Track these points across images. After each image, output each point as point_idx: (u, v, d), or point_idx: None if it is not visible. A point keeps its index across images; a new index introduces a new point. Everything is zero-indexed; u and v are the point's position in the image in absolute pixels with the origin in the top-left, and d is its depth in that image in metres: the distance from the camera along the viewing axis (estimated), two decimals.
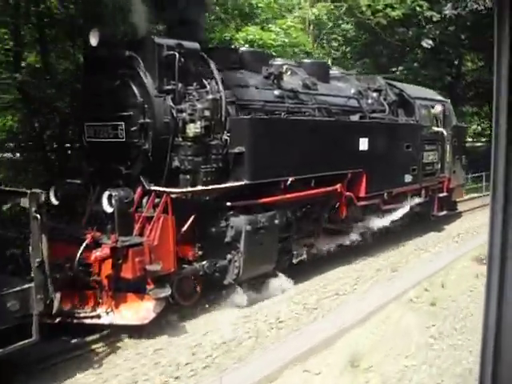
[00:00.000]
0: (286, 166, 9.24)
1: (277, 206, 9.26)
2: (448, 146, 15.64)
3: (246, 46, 14.46)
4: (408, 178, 13.21)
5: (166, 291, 7.68)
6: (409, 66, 26.33)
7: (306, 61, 12.27)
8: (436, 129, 14.86)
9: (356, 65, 25.98)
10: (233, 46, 10.51)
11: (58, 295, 6.45)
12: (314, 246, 10.74)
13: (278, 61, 11.33)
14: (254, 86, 9.78)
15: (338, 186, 10.64)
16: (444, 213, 16.07)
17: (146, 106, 8.09)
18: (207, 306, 8.77)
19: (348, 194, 11.04)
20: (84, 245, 7.62)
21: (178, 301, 8.47)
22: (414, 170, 13.44)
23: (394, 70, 25.80)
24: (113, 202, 7.69)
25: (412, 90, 14.92)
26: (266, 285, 9.40)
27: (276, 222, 9.13)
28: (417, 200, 14.07)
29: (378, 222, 12.50)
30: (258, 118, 9.14)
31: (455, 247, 13.72)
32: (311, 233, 10.70)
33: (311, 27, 22.01)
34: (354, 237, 11.82)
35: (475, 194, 21.95)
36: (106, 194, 7.87)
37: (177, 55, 8.07)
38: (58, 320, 7.36)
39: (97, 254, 7.49)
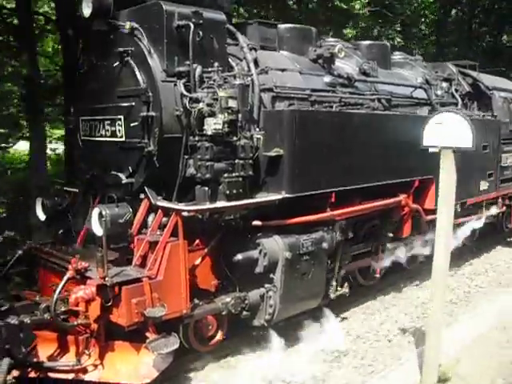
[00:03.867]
0: (338, 174, 7.15)
1: (324, 223, 7.16)
2: None
3: None
4: (484, 185, 10.93)
5: (172, 344, 5.72)
6: None
7: (363, 42, 10.09)
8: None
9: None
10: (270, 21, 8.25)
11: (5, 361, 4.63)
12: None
13: (329, 40, 9.19)
14: (298, 71, 7.71)
15: (403, 196, 8.47)
16: None
17: (150, 93, 6.13)
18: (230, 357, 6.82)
19: (414, 206, 8.84)
20: (65, 279, 5.74)
21: (194, 347, 6.55)
22: (490, 176, 11.16)
23: None
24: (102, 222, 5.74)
25: (489, 79, 12.58)
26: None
27: (324, 245, 7.04)
28: (493, 210, 11.77)
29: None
30: (304, 110, 7.04)
31: None
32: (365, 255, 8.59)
33: None
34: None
35: None
36: (96, 211, 5.95)
37: (191, 26, 6.07)
38: (30, 375, 5.65)
39: (78, 294, 5.56)
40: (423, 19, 26.12)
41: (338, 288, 8.01)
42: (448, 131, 6.13)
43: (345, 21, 18.81)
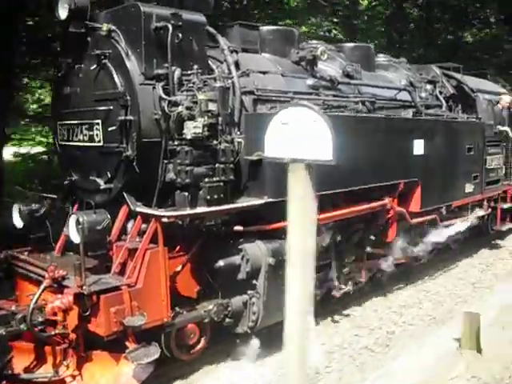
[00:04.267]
0: (321, 177, 6.97)
1: None
2: None
3: None
4: (469, 188, 10.85)
5: (153, 354, 5.56)
6: None
7: (346, 44, 9.98)
8: (501, 128, 12.45)
9: None
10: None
11: None
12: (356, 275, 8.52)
13: (312, 42, 9.08)
14: (280, 74, 7.59)
15: (388, 199, 8.36)
16: (508, 226, 13.66)
17: (128, 97, 5.98)
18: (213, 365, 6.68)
19: (399, 209, 8.73)
20: (42, 288, 5.58)
21: (176, 355, 6.38)
22: (475, 178, 11.08)
23: None
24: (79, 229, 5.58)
25: (473, 82, 12.52)
26: None
27: None
28: (478, 213, 11.69)
29: (432, 241, 10.13)
30: None
31: None
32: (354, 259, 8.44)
33: None
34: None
35: None
36: (73, 218, 5.78)
37: (170, 28, 5.93)
38: None
39: (54, 303, 5.40)
40: (369, 12, 25.32)
41: (342, 286, 7.98)
42: (298, 135, 3.94)
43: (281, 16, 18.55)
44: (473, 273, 11.04)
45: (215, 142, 6.00)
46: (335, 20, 23.27)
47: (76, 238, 5.68)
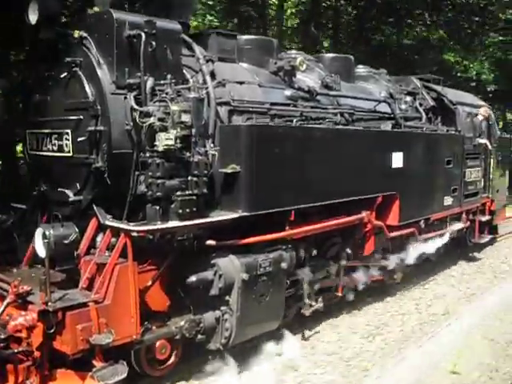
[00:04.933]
0: (298, 191, 6.88)
1: (284, 242, 6.89)
2: (492, 162, 13.25)
3: None
4: (448, 201, 10.79)
5: (120, 373, 5.38)
6: None
7: (326, 55, 9.87)
8: (480, 140, 12.42)
9: None
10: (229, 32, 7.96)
11: None
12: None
13: (291, 52, 8.96)
14: (257, 84, 7.45)
15: (365, 213, 8.24)
16: (486, 239, 13.67)
17: (98, 107, 5.80)
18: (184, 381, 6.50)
19: (377, 222, 8.61)
20: (4, 304, 5.37)
21: (147, 371, 6.20)
22: (454, 191, 11.03)
23: None
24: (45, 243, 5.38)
25: (453, 94, 12.49)
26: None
27: (283, 265, 6.76)
28: (457, 226, 11.65)
29: (411, 256, 10.03)
30: (262, 125, 6.77)
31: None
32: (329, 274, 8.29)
33: None
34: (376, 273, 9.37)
35: None
36: (39, 231, 5.59)
37: (143, 36, 5.75)
38: None
39: (17, 321, 5.19)
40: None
41: (312, 303, 7.80)
42: None
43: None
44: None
45: (188, 154, 5.80)
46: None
47: (42, 252, 5.48)
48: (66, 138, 6.04)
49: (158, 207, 5.66)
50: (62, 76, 6.06)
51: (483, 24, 27.11)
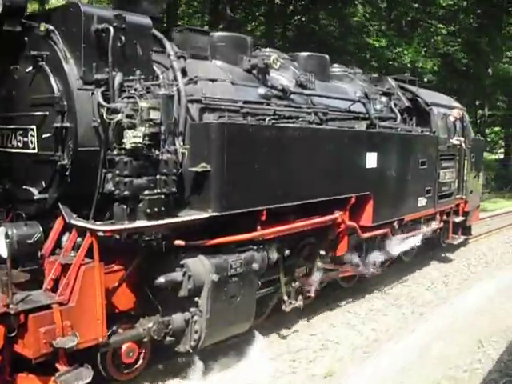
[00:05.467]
0: (269, 190, 6.77)
1: (256, 242, 6.78)
2: (466, 163, 13.25)
3: None
4: (422, 202, 10.77)
5: (84, 377, 5.25)
6: None
7: (301, 53, 9.76)
8: (455, 141, 12.41)
9: None
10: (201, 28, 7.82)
11: None
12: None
13: (265, 50, 8.84)
14: (230, 82, 7.31)
15: (338, 213, 8.16)
16: (460, 240, 13.68)
17: (64, 103, 5.62)
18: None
19: (350, 223, 8.54)
20: None
21: (113, 376, 6.06)
22: (428, 192, 11.00)
23: None
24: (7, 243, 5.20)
25: (428, 94, 12.47)
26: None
27: (255, 266, 6.65)
28: (431, 226, 11.65)
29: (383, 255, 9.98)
30: (233, 123, 6.64)
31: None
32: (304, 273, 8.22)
33: None
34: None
35: None
36: (1, 230, 5.41)
37: (111, 30, 5.59)
38: None
39: None
40: None
41: (292, 301, 7.76)
42: None
43: None
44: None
45: (157, 152, 5.66)
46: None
47: (4, 252, 5.30)
48: (31, 135, 5.87)
49: (125, 206, 5.52)
50: (27, 70, 5.87)
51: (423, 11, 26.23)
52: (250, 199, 6.51)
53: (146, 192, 5.57)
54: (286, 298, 7.79)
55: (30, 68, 5.85)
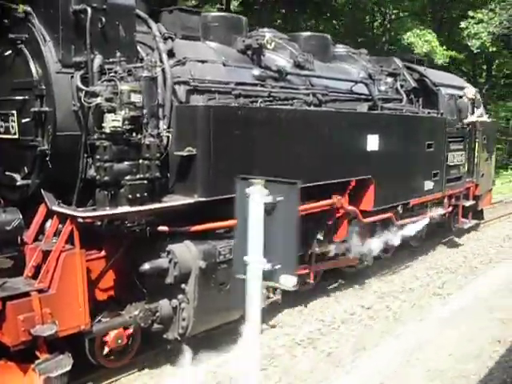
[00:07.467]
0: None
1: None
2: (477, 145, 12.92)
3: None
4: (429, 186, 10.50)
5: (64, 365, 5.16)
6: None
7: (302, 34, 9.53)
8: (469, 119, 12.08)
9: None
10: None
11: None
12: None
13: (262, 30, 8.62)
14: (222, 63, 7.12)
15: (337, 198, 7.96)
16: (470, 224, 13.37)
17: (43, 86, 5.49)
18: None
19: (350, 208, 8.34)
20: None
21: (102, 363, 5.98)
22: (435, 175, 10.72)
23: None
24: None
25: (436, 75, 12.15)
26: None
27: None
28: (438, 211, 11.38)
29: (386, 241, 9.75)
30: (220, 105, 6.47)
31: None
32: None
33: None
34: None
35: None
36: None
37: (89, 11, 5.42)
38: None
39: None
40: None
41: (270, 295, 7.56)
42: None
43: None
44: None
45: (138, 136, 5.53)
46: None
47: None
48: (12, 120, 5.76)
49: (106, 192, 5.41)
50: (6, 54, 5.75)
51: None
52: None
53: (128, 177, 5.47)
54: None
55: (10, 51, 5.73)
